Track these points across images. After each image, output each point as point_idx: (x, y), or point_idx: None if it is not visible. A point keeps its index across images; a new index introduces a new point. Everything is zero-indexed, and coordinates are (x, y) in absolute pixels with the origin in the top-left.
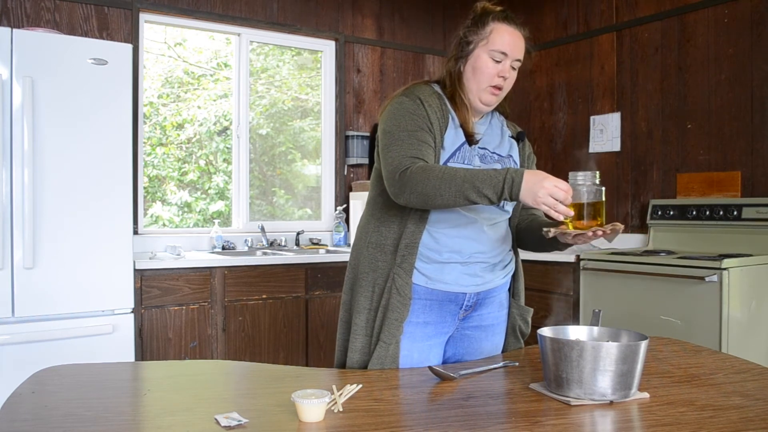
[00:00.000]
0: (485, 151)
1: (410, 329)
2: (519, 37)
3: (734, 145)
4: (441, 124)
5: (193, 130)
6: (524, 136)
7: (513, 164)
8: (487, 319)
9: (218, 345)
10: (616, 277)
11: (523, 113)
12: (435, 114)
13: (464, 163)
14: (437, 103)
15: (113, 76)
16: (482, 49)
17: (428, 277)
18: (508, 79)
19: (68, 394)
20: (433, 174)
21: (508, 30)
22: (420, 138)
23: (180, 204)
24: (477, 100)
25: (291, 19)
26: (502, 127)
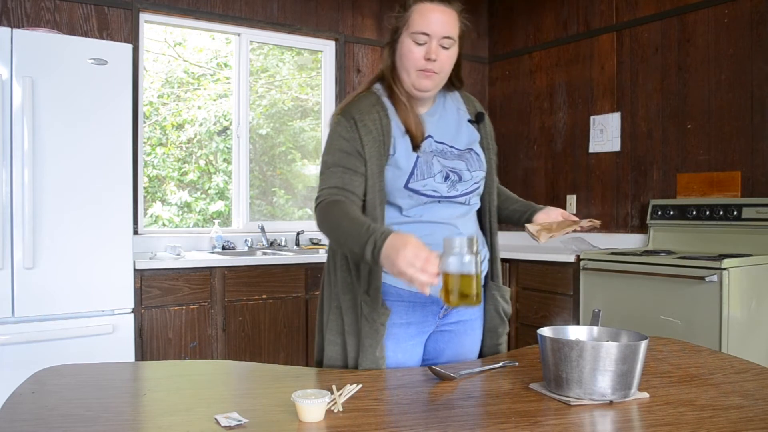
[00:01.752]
0: (443, 147)
1: (394, 331)
2: (444, 12)
3: (734, 145)
4: (382, 141)
5: (194, 130)
6: (483, 117)
7: (474, 158)
8: (465, 314)
9: (218, 345)
10: (616, 277)
11: (523, 113)
12: (371, 135)
13: (425, 178)
14: (376, 117)
15: (113, 76)
16: (405, 34)
17: None
18: (440, 59)
19: (68, 394)
20: (327, 219)
21: (429, 7)
22: (347, 166)
23: (180, 204)
24: (412, 88)
25: (291, 19)
26: (458, 110)
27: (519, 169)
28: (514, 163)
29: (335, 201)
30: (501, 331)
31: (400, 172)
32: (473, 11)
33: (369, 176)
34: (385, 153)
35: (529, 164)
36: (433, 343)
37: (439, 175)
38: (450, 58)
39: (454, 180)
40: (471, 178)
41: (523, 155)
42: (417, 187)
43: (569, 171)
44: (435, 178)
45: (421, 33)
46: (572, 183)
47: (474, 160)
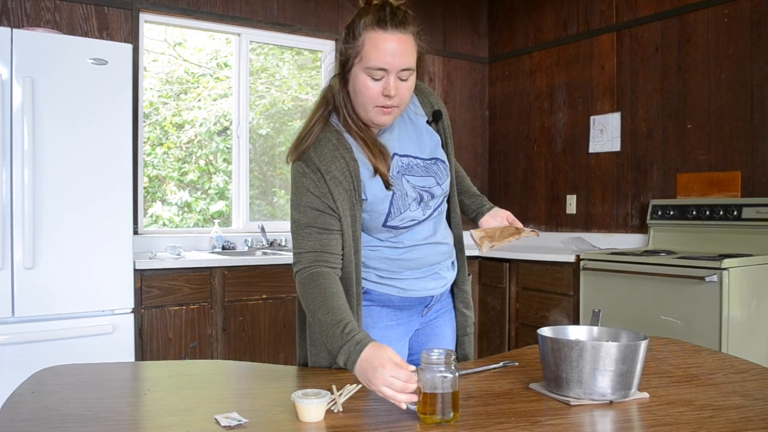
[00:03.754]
0: (408, 160)
1: (386, 333)
2: (400, 42)
3: (734, 145)
4: (353, 189)
5: (194, 130)
6: (441, 115)
7: (441, 168)
8: (443, 307)
9: (218, 345)
10: (616, 277)
11: (523, 113)
12: (340, 186)
13: (401, 212)
14: (342, 164)
15: (113, 76)
16: (359, 67)
17: (400, 288)
18: (399, 94)
19: (68, 394)
20: (305, 299)
21: (383, 38)
22: (322, 227)
23: (180, 204)
24: (370, 122)
25: (291, 19)
26: (415, 114)
27: (519, 169)
28: (514, 163)
29: (313, 276)
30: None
31: (377, 214)
32: (473, 11)
33: (344, 230)
34: (358, 200)
35: (529, 164)
36: (415, 337)
37: (414, 202)
38: (409, 90)
39: (426, 200)
40: (442, 192)
41: (523, 155)
42: (396, 223)
43: (569, 171)
44: (410, 207)
45: (376, 68)
46: (572, 183)
47: (441, 170)
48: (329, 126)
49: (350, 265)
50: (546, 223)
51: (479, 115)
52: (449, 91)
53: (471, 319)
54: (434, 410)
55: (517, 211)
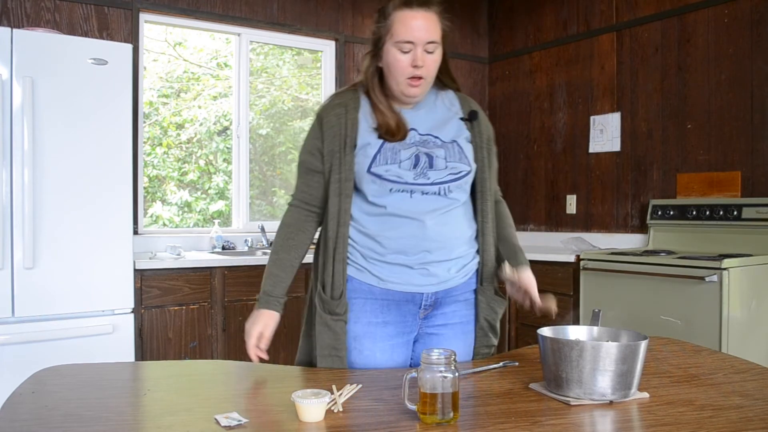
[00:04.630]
0: (427, 137)
1: (371, 329)
2: (425, 19)
3: (734, 145)
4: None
5: (194, 129)
6: (477, 116)
7: (456, 150)
8: (453, 317)
9: (218, 345)
10: (616, 277)
11: (523, 113)
12: (332, 129)
13: (387, 163)
14: (341, 111)
15: (113, 76)
16: (390, 43)
17: (379, 277)
18: (426, 65)
19: (68, 394)
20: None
21: (410, 15)
22: (309, 167)
23: (180, 204)
24: (401, 94)
25: (291, 19)
26: (450, 107)
27: (519, 169)
28: (514, 163)
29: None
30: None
31: (366, 158)
32: (473, 11)
33: (327, 170)
34: (350, 144)
35: (529, 164)
36: (421, 346)
37: (407, 162)
38: (435, 62)
39: (423, 166)
40: (446, 168)
41: (523, 155)
42: (379, 171)
43: (569, 171)
44: (401, 164)
45: (405, 42)
46: (572, 183)
47: (455, 151)
48: (352, 91)
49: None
50: (546, 223)
51: None
52: None
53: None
54: (434, 410)
55: (517, 211)
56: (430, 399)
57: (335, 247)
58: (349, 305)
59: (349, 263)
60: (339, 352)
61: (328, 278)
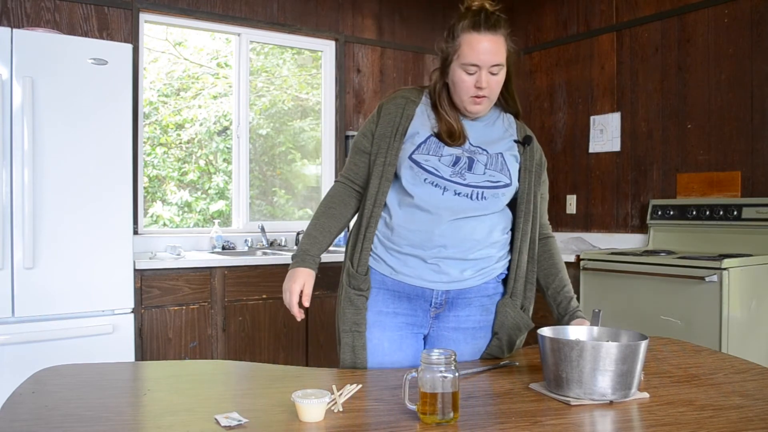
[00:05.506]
0: (476, 148)
1: (380, 318)
2: (491, 42)
3: (734, 145)
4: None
5: (194, 129)
6: (531, 141)
7: (499, 161)
8: (466, 322)
9: (218, 345)
10: (616, 277)
11: (523, 113)
12: (388, 116)
13: (429, 153)
14: (401, 102)
15: (113, 76)
16: (456, 63)
17: (392, 268)
18: (490, 86)
19: (68, 394)
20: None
21: (477, 38)
22: (359, 147)
23: (180, 204)
24: (464, 110)
25: (291, 19)
26: (507, 129)
27: None
28: None
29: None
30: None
31: (412, 145)
32: None
33: (374, 153)
34: (401, 131)
35: None
36: (431, 346)
37: (447, 158)
38: (498, 83)
39: (462, 167)
40: (484, 174)
41: None
42: (419, 159)
43: (569, 171)
44: (441, 159)
45: (470, 65)
46: (572, 183)
47: (498, 162)
48: (418, 90)
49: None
50: None
51: None
52: None
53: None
54: (434, 410)
55: None
56: (430, 399)
57: (367, 225)
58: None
59: (372, 251)
60: (359, 327)
61: (357, 254)
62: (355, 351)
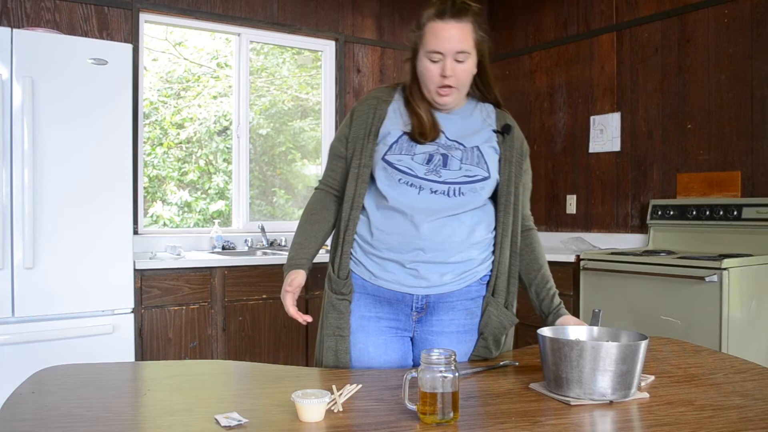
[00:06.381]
0: (453, 143)
1: (363, 323)
2: (456, 30)
3: (734, 145)
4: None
5: (193, 129)
6: (510, 130)
7: (475, 155)
8: (450, 326)
9: (218, 345)
10: (616, 277)
11: (523, 113)
12: (360, 119)
13: (401, 153)
14: (372, 103)
15: (113, 76)
16: (422, 52)
17: (372, 273)
18: (456, 75)
19: (68, 394)
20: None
21: (441, 26)
22: (335, 153)
23: (180, 204)
24: (433, 101)
25: (291, 19)
26: (485, 119)
27: None
28: None
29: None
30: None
31: (384, 146)
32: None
33: (349, 156)
34: (374, 132)
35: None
36: (418, 350)
37: (421, 156)
38: (466, 71)
39: (437, 164)
40: (460, 169)
41: None
42: (392, 159)
43: (569, 171)
44: (414, 157)
45: (434, 52)
46: (572, 183)
47: (474, 156)
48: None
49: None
50: (546, 223)
51: None
52: None
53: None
54: (434, 410)
55: None
56: (430, 399)
57: (346, 229)
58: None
59: (351, 255)
60: (343, 332)
61: (337, 259)
62: (338, 355)
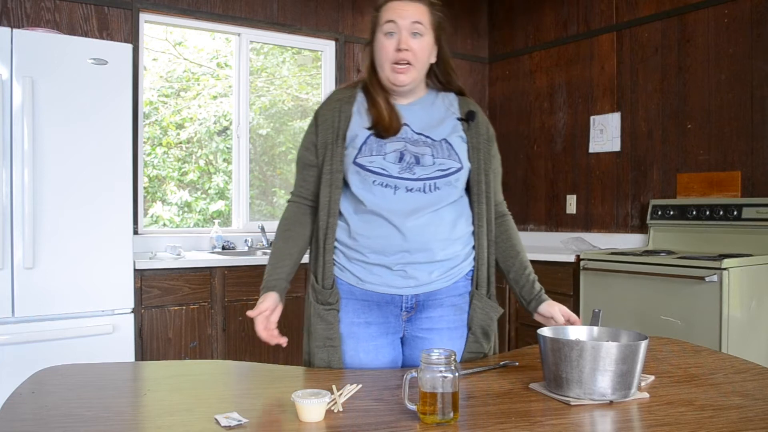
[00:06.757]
0: (419, 136)
1: (353, 330)
2: (410, 5)
3: (734, 145)
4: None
5: (193, 129)
6: (474, 116)
7: (445, 148)
8: (439, 323)
9: (218, 345)
10: (616, 277)
11: (523, 113)
12: (326, 123)
13: (372, 154)
14: (335, 106)
15: (113, 76)
16: (378, 32)
17: (358, 277)
18: (412, 49)
19: (68, 394)
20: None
21: (396, 3)
22: (305, 161)
23: (180, 204)
24: (389, 83)
25: (291, 19)
26: (448, 108)
27: (519, 169)
28: (514, 163)
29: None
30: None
31: (353, 149)
32: (473, 11)
33: (320, 163)
34: (341, 136)
35: (529, 164)
36: (408, 349)
37: (392, 154)
38: (423, 48)
39: (409, 162)
40: (433, 164)
41: (523, 155)
42: (363, 162)
43: (569, 171)
44: (385, 157)
45: (388, 21)
46: (572, 183)
47: (444, 149)
48: (350, 88)
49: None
50: (546, 223)
51: None
52: None
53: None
54: (434, 410)
55: (517, 211)
56: (430, 399)
57: (325, 237)
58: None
59: (335, 262)
60: (333, 342)
61: (320, 269)
62: (331, 365)
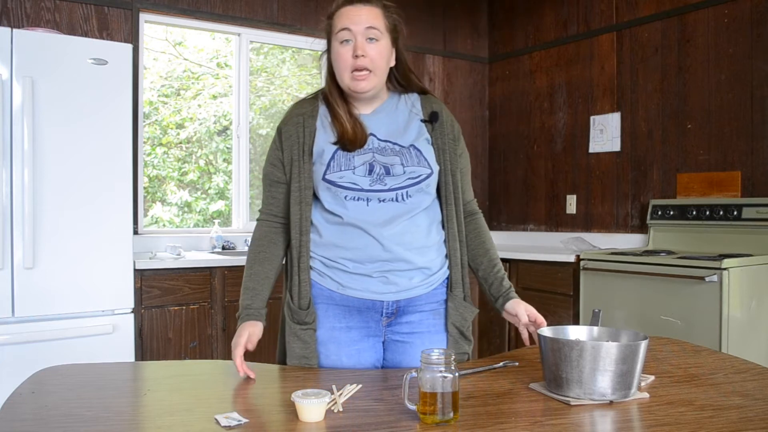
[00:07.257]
0: (386, 144)
1: (335, 334)
2: (363, 9)
3: (734, 145)
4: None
5: (193, 128)
6: (437, 117)
7: (414, 154)
8: (420, 326)
9: (218, 345)
10: (616, 277)
11: (523, 113)
12: (290, 140)
13: (341, 169)
14: (299, 121)
15: (113, 76)
16: (333, 40)
17: (339, 283)
18: (369, 55)
19: (68, 394)
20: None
21: (348, 8)
22: (272, 178)
23: (180, 204)
24: (349, 91)
25: (291, 19)
26: (411, 109)
27: (519, 169)
28: (514, 163)
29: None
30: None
31: (321, 165)
32: (473, 11)
33: (287, 180)
34: (308, 151)
35: (529, 164)
36: (390, 353)
37: (361, 168)
38: (380, 53)
39: (380, 173)
40: (404, 173)
41: (523, 155)
42: (333, 178)
43: (569, 171)
44: (355, 171)
45: (342, 29)
46: (572, 183)
47: (413, 155)
48: (311, 100)
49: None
50: (546, 223)
51: (479, 115)
52: (449, 91)
53: (463, 349)
54: (434, 410)
55: (517, 211)
56: (430, 399)
57: (299, 256)
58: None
59: (312, 269)
60: (310, 360)
61: (295, 288)
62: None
